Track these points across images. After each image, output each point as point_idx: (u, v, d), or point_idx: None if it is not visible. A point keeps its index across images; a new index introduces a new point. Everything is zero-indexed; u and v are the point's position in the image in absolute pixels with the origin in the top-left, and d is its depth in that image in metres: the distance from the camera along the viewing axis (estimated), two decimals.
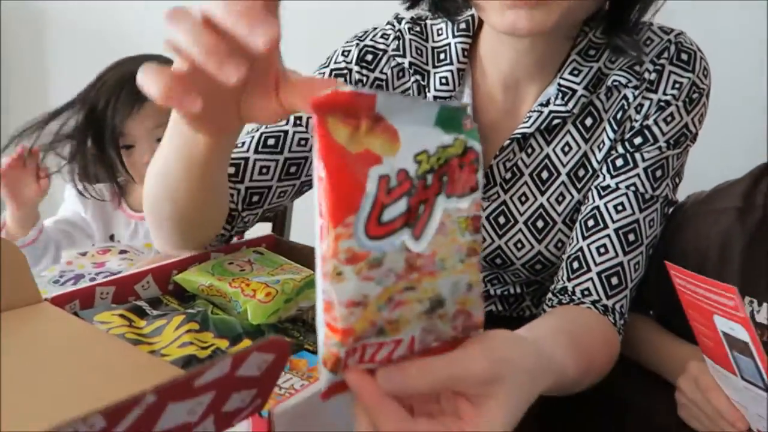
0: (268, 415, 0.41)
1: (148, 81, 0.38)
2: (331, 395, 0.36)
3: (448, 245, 0.36)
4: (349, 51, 0.76)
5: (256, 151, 0.70)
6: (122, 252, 0.97)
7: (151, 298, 0.60)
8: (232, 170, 0.69)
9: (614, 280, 0.67)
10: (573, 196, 0.73)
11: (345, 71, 0.75)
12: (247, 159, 0.70)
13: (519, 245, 0.75)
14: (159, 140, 0.65)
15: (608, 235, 0.68)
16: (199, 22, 0.37)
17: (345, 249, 0.33)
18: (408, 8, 0.73)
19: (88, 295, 0.56)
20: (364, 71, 0.75)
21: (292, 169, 0.71)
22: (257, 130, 0.72)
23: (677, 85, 0.69)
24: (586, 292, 0.67)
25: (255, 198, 0.70)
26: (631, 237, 0.68)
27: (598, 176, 0.72)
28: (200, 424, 0.33)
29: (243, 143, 0.71)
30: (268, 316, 0.57)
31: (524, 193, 0.74)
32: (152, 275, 0.62)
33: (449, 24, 0.75)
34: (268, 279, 0.60)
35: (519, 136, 0.72)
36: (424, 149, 0.35)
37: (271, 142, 0.70)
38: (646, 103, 0.69)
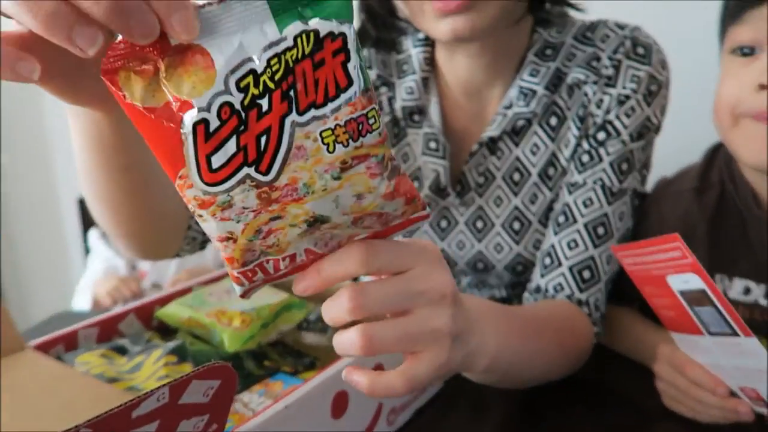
0: None
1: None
2: (248, 293, 0.37)
3: (311, 168, 0.31)
4: None
5: None
6: None
7: (133, 335, 0.62)
8: None
9: (586, 274, 0.67)
10: (545, 195, 0.74)
11: None
12: None
13: (498, 248, 0.76)
14: None
15: (578, 230, 0.68)
16: None
17: (192, 197, 0.31)
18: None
19: (72, 338, 0.59)
20: None
21: None
22: None
23: (635, 79, 0.69)
24: (558, 287, 0.67)
25: None
26: (601, 230, 0.68)
27: (567, 173, 0.72)
28: None
29: None
30: (244, 342, 0.58)
31: (498, 196, 0.75)
32: (135, 313, 0.64)
33: (409, 38, 0.77)
34: (244, 306, 0.62)
35: (486, 139, 0.73)
36: (249, 69, 0.29)
37: None
38: (606, 98, 0.70)
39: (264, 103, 0.30)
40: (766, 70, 0.61)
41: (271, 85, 0.29)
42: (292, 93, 0.30)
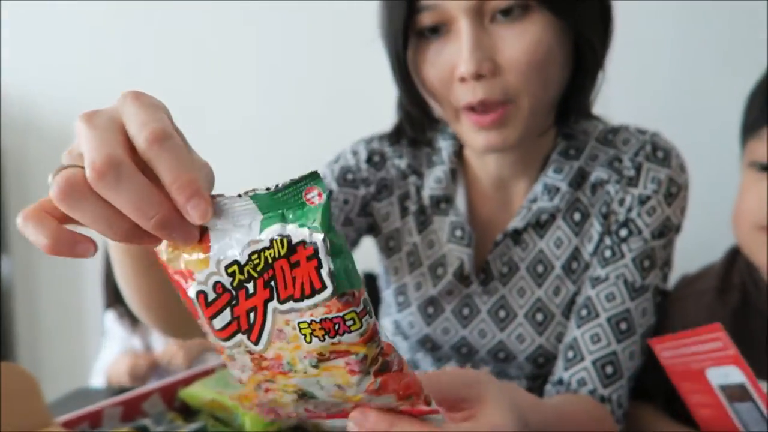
0: None
1: (30, 232, 0.33)
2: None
3: (292, 351, 0.34)
4: (358, 151, 0.82)
5: None
6: None
7: (156, 414, 0.62)
8: None
9: (609, 369, 0.67)
10: (569, 289, 0.75)
11: (354, 168, 0.81)
12: None
13: (520, 339, 0.76)
14: None
15: (600, 324, 0.69)
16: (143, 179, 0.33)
17: (213, 342, 0.36)
18: (391, 145, 0.81)
19: (97, 417, 0.59)
20: (372, 170, 0.81)
21: None
22: None
23: (656, 180, 0.72)
24: (581, 382, 0.67)
25: None
26: (623, 326, 0.68)
27: (590, 268, 0.74)
28: None
29: None
30: (266, 426, 0.58)
31: (522, 287, 0.76)
32: (159, 393, 0.64)
33: (439, 131, 0.81)
34: None
35: (511, 230, 0.75)
36: (234, 260, 0.33)
37: None
38: (628, 198, 0.72)
39: (250, 286, 0.33)
40: None
41: (254, 274, 0.33)
42: (273, 283, 0.33)
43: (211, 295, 0.33)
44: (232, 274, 0.33)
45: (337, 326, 0.32)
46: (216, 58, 1.82)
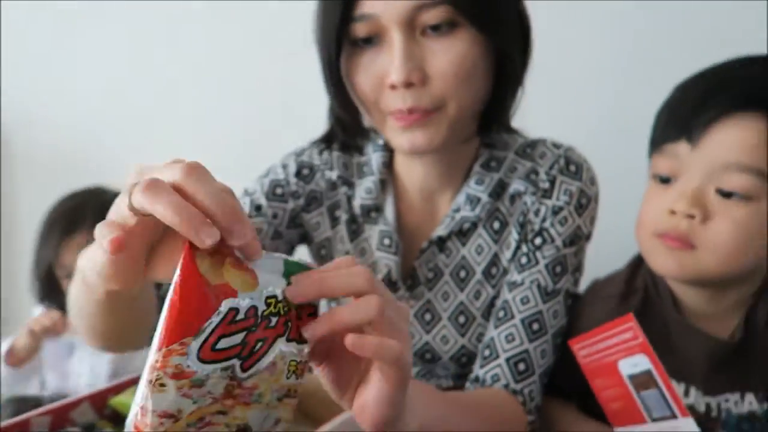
0: None
1: (106, 232, 0.39)
2: None
3: (270, 383, 0.40)
4: (288, 164, 0.84)
5: None
6: None
7: (86, 423, 0.63)
8: None
9: (521, 366, 0.73)
10: (488, 293, 0.80)
11: (283, 182, 0.83)
12: None
13: (445, 340, 0.81)
14: None
15: (515, 325, 0.74)
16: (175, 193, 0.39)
17: (174, 365, 0.36)
18: (321, 151, 0.84)
19: (25, 427, 0.60)
20: (301, 183, 0.83)
21: None
22: None
23: (568, 192, 0.78)
24: (495, 378, 0.73)
25: None
26: (536, 326, 0.74)
27: (507, 273, 0.79)
28: None
29: None
30: None
31: (446, 291, 0.81)
32: (89, 401, 0.65)
33: (370, 142, 0.85)
34: None
35: (436, 238, 0.79)
36: (274, 294, 0.39)
37: None
38: (543, 209, 0.78)
39: (273, 320, 0.39)
40: (677, 198, 0.69)
41: (282, 311, 0.39)
42: (289, 324, 0.40)
43: (240, 316, 0.37)
44: (269, 305, 0.39)
45: (303, 370, 0.41)
46: (214, 58, 1.77)
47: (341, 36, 0.69)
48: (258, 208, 0.81)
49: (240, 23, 1.71)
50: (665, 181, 0.72)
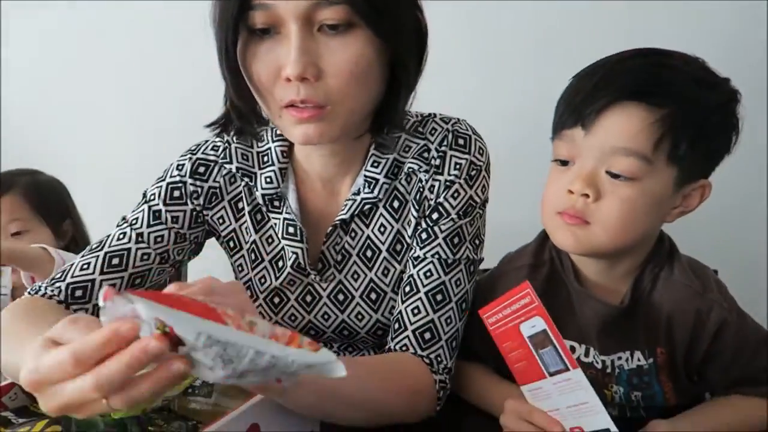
0: None
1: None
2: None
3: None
4: (183, 165, 0.85)
5: (101, 272, 0.78)
6: None
7: (19, 407, 0.66)
8: (79, 293, 0.76)
9: (427, 335, 0.78)
10: (396, 268, 0.85)
11: (180, 184, 0.84)
12: (93, 281, 0.77)
13: (360, 317, 0.86)
14: (13, 234, 0.69)
15: (420, 298, 0.79)
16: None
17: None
18: (216, 135, 0.82)
19: None
20: (198, 182, 0.84)
21: (137, 281, 0.80)
22: (101, 249, 0.79)
23: (458, 166, 0.81)
24: (404, 348, 0.79)
25: None
26: (439, 297, 0.79)
27: (411, 248, 0.83)
28: None
29: (87, 265, 0.78)
30: (129, 409, 0.64)
31: (355, 271, 0.85)
32: (19, 387, 0.68)
33: (269, 131, 0.86)
34: None
35: (339, 222, 0.83)
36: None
37: (115, 261, 0.79)
38: (436, 184, 0.82)
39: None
40: (573, 179, 0.75)
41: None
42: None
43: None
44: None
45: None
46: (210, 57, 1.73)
47: (239, 23, 0.68)
48: (157, 215, 0.82)
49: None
50: (564, 163, 0.77)
